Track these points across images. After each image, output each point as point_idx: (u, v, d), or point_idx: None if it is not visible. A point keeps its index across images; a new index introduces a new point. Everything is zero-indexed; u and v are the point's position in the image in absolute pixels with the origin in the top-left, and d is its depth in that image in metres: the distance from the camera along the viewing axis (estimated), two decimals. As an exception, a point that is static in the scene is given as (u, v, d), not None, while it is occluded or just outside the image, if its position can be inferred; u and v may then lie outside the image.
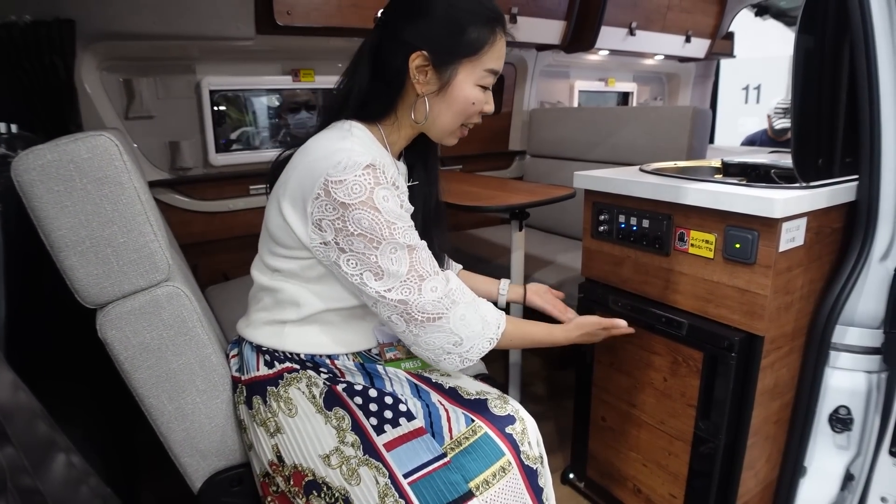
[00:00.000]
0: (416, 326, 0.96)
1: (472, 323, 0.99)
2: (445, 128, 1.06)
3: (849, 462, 1.36)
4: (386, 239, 0.92)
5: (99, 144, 0.93)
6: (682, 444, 1.32)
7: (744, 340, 1.18)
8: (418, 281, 0.95)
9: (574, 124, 2.75)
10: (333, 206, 0.91)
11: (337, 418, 1.00)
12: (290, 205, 0.97)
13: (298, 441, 1.01)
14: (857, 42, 1.22)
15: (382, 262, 0.93)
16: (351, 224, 0.91)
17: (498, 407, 1.06)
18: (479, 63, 1.01)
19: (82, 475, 0.61)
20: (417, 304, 0.95)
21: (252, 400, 1.05)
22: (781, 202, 1.07)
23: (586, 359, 1.54)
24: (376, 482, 0.97)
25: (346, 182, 0.90)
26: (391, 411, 1.01)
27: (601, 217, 1.43)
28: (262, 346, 1.07)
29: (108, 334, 0.98)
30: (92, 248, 0.94)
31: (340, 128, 1.02)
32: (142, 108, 2.20)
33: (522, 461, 1.02)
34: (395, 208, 0.94)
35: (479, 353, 1.01)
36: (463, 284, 1.04)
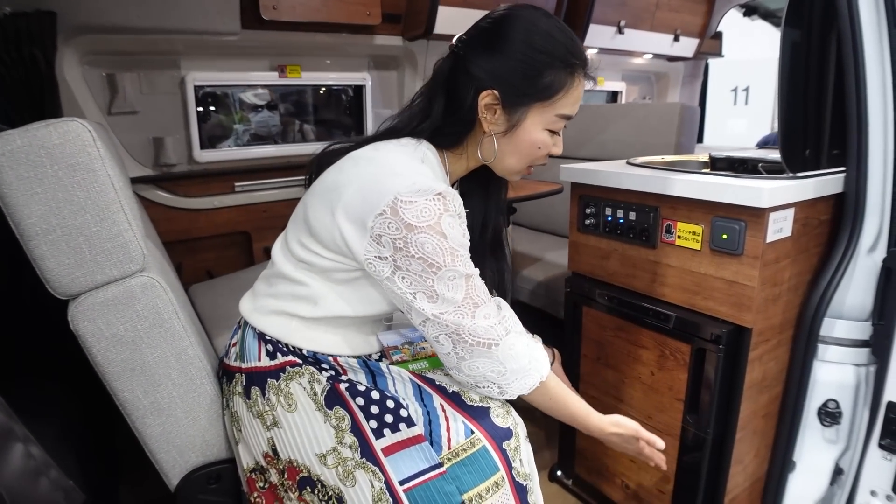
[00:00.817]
0: (463, 349, 0.94)
1: (520, 356, 0.97)
2: (510, 168, 1.04)
3: (838, 456, 1.36)
4: (447, 266, 0.89)
5: (71, 130, 0.91)
6: (671, 439, 1.31)
7: (731, 332, 1.16)
8: (472, 308, 0.93)
9: (563, 122, 2.73)
10: (398, 225, 0.88)
11: (337, 418, 0.98)
12: (345, 213, 0.92)
13: (295, 437, 0.98)
14: (844, 34, 1.21)
15: (439, 287, 0.90)
16: (413, 246, 0.88)
17: (500, 417, 1.03)
18: (552, 108, 0.97)
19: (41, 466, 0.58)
20: (470, 328, 0.92)
21: (250, 390, 1.01)
22: (769, 191, 1.06)
23: (572, 354, 1.52)
24: (371, 486, 0.94)
25: (416, 204, 0.87)
26: (392, 416, 0.98)
27: (588, 210, 1.42)
28: (266, 334, 1.03)
29: (80, 326, 0.95)
30: (63, 236, 0.92)
31: (415, 147, 1.00)
32: (125, 103, 2.17)
33: (514, 477, 1.01)
34: (459, 236, 0.92)
35: (520, 390, 0.98)
36: (514, 315, 1.03)
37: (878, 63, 1.21)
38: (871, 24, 1.20)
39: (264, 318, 1.03)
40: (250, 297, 1.08)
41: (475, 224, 1.14)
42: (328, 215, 0.94)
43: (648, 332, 1.31)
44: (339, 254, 0.95)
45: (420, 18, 2.44)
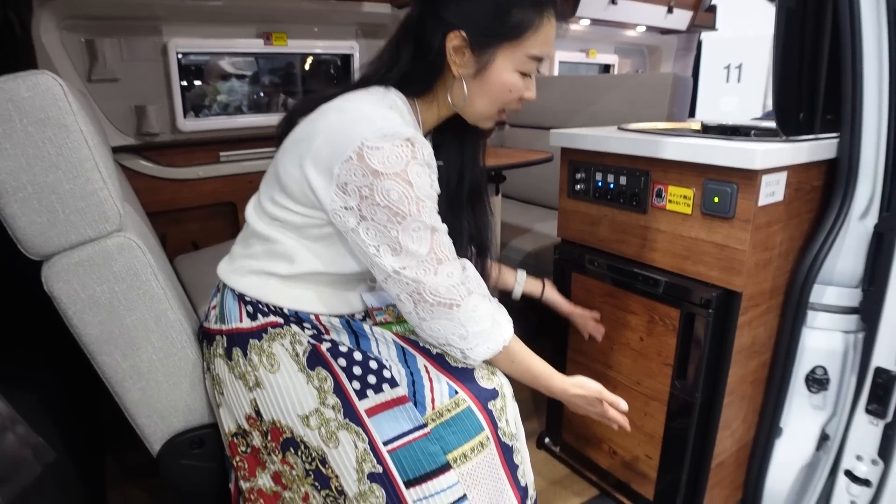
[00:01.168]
0: (424, 310, 0.92)
1: (482, 319, 0.95)
2: (481, 112, 1.01)
3: (824, 422, 1.36)
4: (412, 215, 0.87)
5: (40, 83, 0.87)
6: (658, 405, 1.30)
7: (721, 297, 1.15)
8: (436, 264, 0.90)
9: (554, 93, 2.70)
10: (364, 171, 0.85)
11: (319, 379, 0.96)
12: (313, 162, 0.90)
13: (278, 398, 0.97)
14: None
15: (403, 238, 0.88)
16: (379, 194, 0.86)
17: (485, 378, 1.02)
18: (522, 48, 0.95)
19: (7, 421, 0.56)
20: (431, 286, 0.90)
21: (232, 351, 0.99)
22: (762, 153, 1.04)
23: (561, 321, 1.51)
24: (355, 447, 0.94)
25: (383, 150, 0.85)
26: (375, 376, 0.97)
27: (577, 176, 1.40)
28: (245, 295, 1.00)
29: (54, 287, 0.92)
30: (35, 194, 0.88)
31: (383, 94, 0.97)
32: (105, 70, 2.11)
33: (500, 437, 1.01)
34: (427, 186, 0.89)
35: (483, 354, 0.98)
36: (478, 276, 1.01)
37: (874, 26, 1.18)
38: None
39: (242, 279, 1.01)
40: (228, 260, 1.06)
41: (451, 176, 1.11)
42: (297, 168, 0.92)
43: (638, 297, 1.30)
44: (310, 207, 0.93)
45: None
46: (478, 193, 1.17)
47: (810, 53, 1.23)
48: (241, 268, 1.02)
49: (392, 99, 0.97)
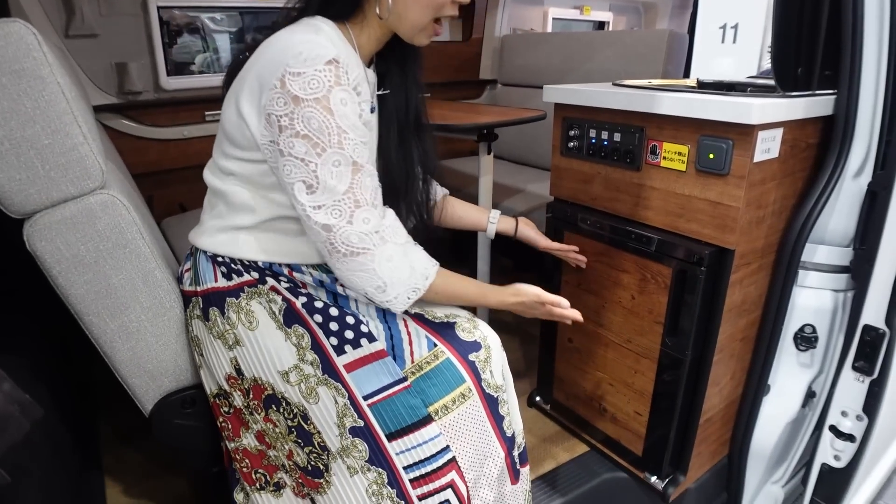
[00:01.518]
0: (338, 260, 0.90)
1: (399, 268, 0.93)
2: (415, 23, 0.95)
3: (811, 380, 1.38)
4: (333, 146, 0.85)
5: (13, 32, 0.83)
6: (649, 362, 1.31)
7: (714, 254, 1.15)
8: (352, 206, 0.88)
9: (547, 50, 2.64)
10: (286, 99, 0.83)
11: (297, 336, 0.96)
12: (247, 99, 0.89)
13: (258, 354, 0.96)
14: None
15: (322, 172, 0.85)
16: (299, 122, 0.83)
17: (466, 331, 1.03)
18: None
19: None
20: (343, 234, 0.88)
21: (209, 311, 0.99)
22: (759, 108, 1.02)
23: (553, 280, 1.51)
24: (335, 402, 0.94)
25: (304, 75, 0.82)
26: (352, 331, 0.97)
27: (571, 133, 1.37)
28: (217, 254, 1.00)
29: (36, 246, 0.90)
30: (12, 149, 0.85)
31: (308, 23, 0.93)
32: (83, 25, 2.02)
33: (483, 389, 1.01)
34: (352, 116, 0.86)
35: (404, 303, 0.95)
36: (399, 225, 0.97)
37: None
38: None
39: (212, 239, 1.00)
40: (197, 226, 1.05)
41: (398, 104, 1.08)
42: (234, 109, 0.91)
43: (630, 255, 1.29)
44: (252, 150, 0.92)
45: (398, -66, 2.29)
46: (420, 118, 1.13)
47: (811, 7, 1.21)
48: (209, 228, 1.01)
49: (317, 25, 0.92)
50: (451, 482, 0.96)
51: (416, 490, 0.95)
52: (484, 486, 1.02)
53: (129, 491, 1.44)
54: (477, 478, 1.00)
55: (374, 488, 0.94)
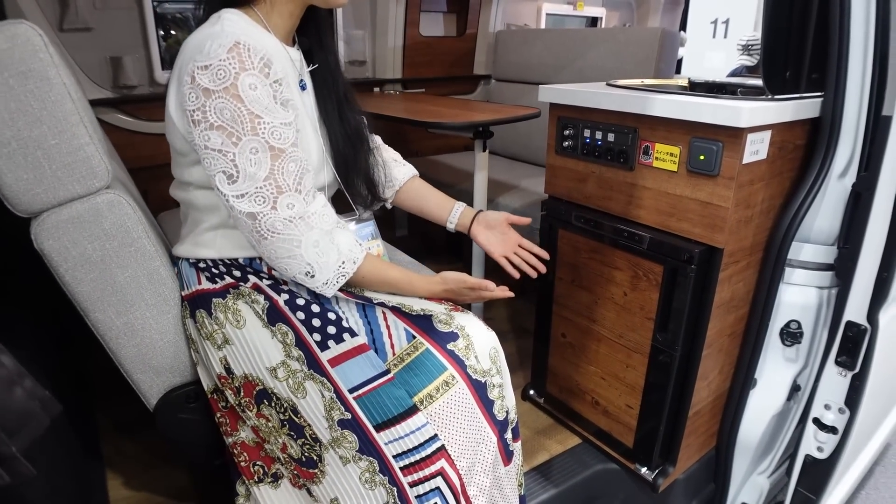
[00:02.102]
0: (265, 247, 0.93)
1: (326, 252, 0.95)
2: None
3: (796, 374, 1.43)
4: (247, 134, 0.86)
5: (19, 33, 0.84)
6: (640, 357, 1.35)
7: (704, 252, 1.19)
8: (275, 192, 0.89)
9: (541, 47, 2.66)
10: (197, 93, 0.86)
11: (281, 333, 0.99)
12: (172, 102, 0.92)
13: (247, 351, 0.99)
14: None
15: (240, 161, 0.87)
16: (212, 114, 0.86)
17: (443, 323, 1.05)
18: None
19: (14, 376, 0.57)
20: (268, 221, 0.90)
21: (196, 314, 1.03)
22: (748, 111, 1.05)
23: (547, 276, 1.54)
24: (322, 395, 0.97)
25: (210, 67, 0.85)
26: (334, 327, 1.00)
27: (566, 132, 1.40)
28: (199, 259, 1.04)
29: (44, 244, 0.92)
30: (20, 149, 0.87)
31: (211, 18, 0.95)
32: (77, 18, 2.02)
33: (469, 375, 1.03)
34: (264, 99, 0.88)
35: (334, 288, 0.98)
36: (327, 211, 0.99)
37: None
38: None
39: (192, 246, 1.04)
40: (178, 241, 1.09)
41: (327, 76, 1.10)
42: (167, 117, 0.94)
43: (623, 253, 1.33)
44: (192, 153, 0.95)
45: (394, -70, 2.30)
46: (348, 88, 1.15)
47: (799, 11, 1.23)
48: (185, 236, 1.06)
49: (218, 17, 0.93)
50: (440, 470, 0.98)
51: (407, 477, 0.97)
52: (479, 473, 1.04)
53: (129, 483, 1.46)
54: (471, 465, 1.03)
55: (367, 476, 0.97)
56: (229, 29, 0.89)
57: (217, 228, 1.02)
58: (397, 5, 2.65)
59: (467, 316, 1.09)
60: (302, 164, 0.94)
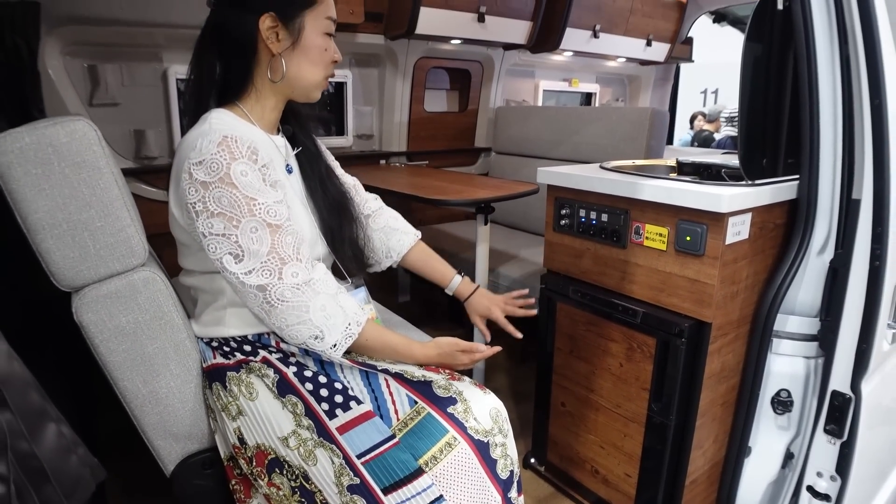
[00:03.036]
0: (277, 318, 1.00)
1: (334, 315, 1.02)
2: (311, 80, 1.10)
3: (789, 442, 1.47)
4: (245, 216, 0.96)
5: (78, 129, 0.95)
6: (637, 426, 1.40)
7: (693, 327, 1.26)
8: (279, 263, 0.98)
9: (539, 123, 2.82)
10: (195, 187, 0.96)
11: (291, 404, 1.05)
12: (172, 199, 1.04)
13: (260, 423, 1.05)
14: (800, 50, 1.31)
15: (243, 240, 0.96)
16: (211, 203, 0.96)
17: (442, 388, 1.10)
18: (320, 12, 1.06)
19: (71, 444, 0.64)
20: (277, 291, 0.98)
21: (213, 386, 1.10)
22: (728, 198, 1.15)
23: (547, 347, 1.61)
24: (332, 462, 1.01)
25: (204, 162, 0.95)
26: (341, 396, 1.06)
27: (563, 211, 1.50)
28: (212, 338, 1.12)
29: (84, 317, 0.99)
30: (69, 231, 0.96)
31: (201, 119, 1.05)
32: (107, 94, 2.17)
33: (471, 436, 1.06)
34: (255, 183, 0.98)
35: (341, 350, 1.04)
36: (329, 277, 1.07)
37: (829, 78, 1.30)
38: (825, 41, 1.29)
39: (203, 327, 1.12)
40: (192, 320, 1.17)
41: (311, 159, 1.21)
42: (170, 213, 1.05)
43: (617, 326, 1.40)
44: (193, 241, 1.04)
45: (402, 18, 2.49)
46: (327, 162, 1.27)
47: (773, 101, 1.35)
48: (198, 316, 1.14)
49: (204, 118, 1.04)
50: None
51: None
52: None
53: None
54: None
55: None
56: (217, 126, 1.00)
57: (225, 308, 1.10)
58: (403, 83, 2.83)
59: (464, 383, 1.14)
60: (298, 236, 1.04)
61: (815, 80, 1.31)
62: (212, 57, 1.08)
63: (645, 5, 3.31)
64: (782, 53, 1.34)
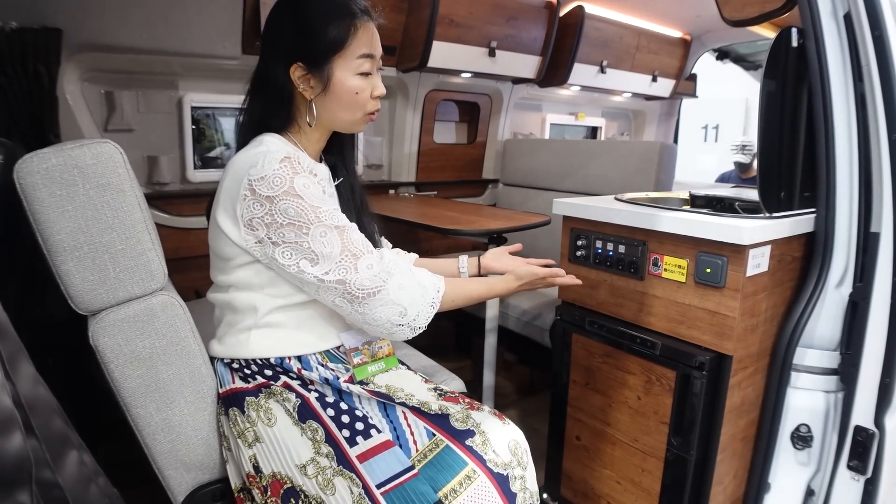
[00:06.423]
0: (359, 304, 1.02)
1: (411, 289, 1.05)
2: (346, 121, 1.13)
3: (809, 478, 1.43)
4: (314, 223, 0.98)
5: (104, 151, 0.95)
6: (655, 461, 1.37)
7: (713, 360, 1.24)
8: (353, 260, 1.01)
9: (546, 155, 2.85)
10: (260, 202, 0.97)
11: (311, 430, 1.03)
12: (223, 215, 1.03)
13: (277, 450, 1.03)
14: (815, 86, 1.32)
15: (315, 246, 0.99)
16: (279, 215, 0.97)
17: (459, 421, 1.10)
18: (350, 54, 1.07)
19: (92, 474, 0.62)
20: (356, 282, 1.00)
21: (230, 411, 1.07)
22: (749, 230, 1.15)
23: (561, 379, 1.58)
24: (350, 492, 0.99)
25: (266, 177, 0.97)
26: (362, 423, 1.05)
27: (578, 242, 1.50)
28: (233, 359, 1.10)
29: (100, 341, 0.98)
30: (90, 253, 0.95)
31: (253, 142, 1.09)
32: (122, 120, 2.19)
33: (490, 469, 1.05)
34: (318, 193, 1.01)
35: (426, 319, 1.06)
36: (397, 258, 1.10)
37: (844, 113, 1.32)
38: (839, 78, 1.31)
39: (224, 346, 1.11)
40: (213, 340, 1.16)
41: (349, 188, 1.24)
42: (216, 229, 1.05)
43: (635, 358, 1.39)
44: (239, 257, 1.05)
45: (415, 51, 2.53)
46: (364, 196, 1.29)
47: (789, 135, 1.37)
48: (221, 336, 1.13)
49: (261, 140, 1.08)
50: None
51: None
52: None
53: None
54: None
55: None
56: (274, 147, 1.03)
57: (251, 329, 1.09)
58: (414, 115, 2.87)
59: (483, 413, 1.13)
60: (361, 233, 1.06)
61: (829, 114, 1.32)
62: (259, 97, 1.12)
63: (651, 42, 3.37)
64: (797, 89, 1.36)
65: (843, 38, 1.30)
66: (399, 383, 1.17)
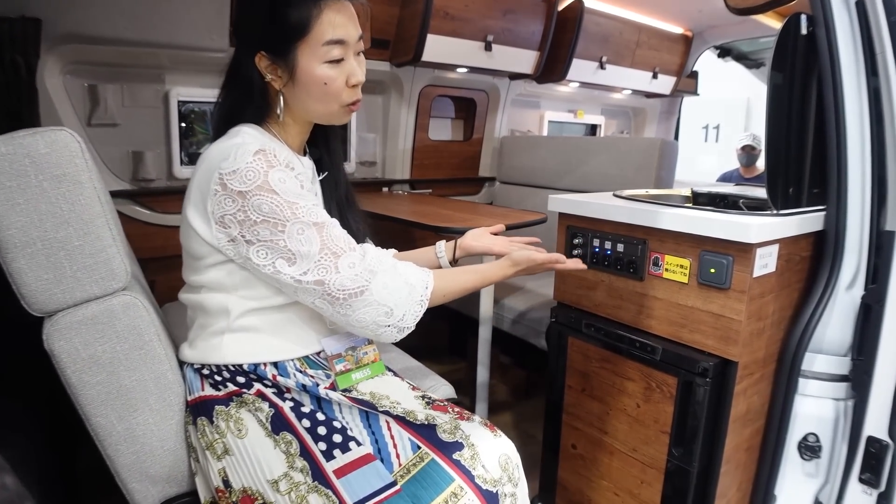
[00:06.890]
0: (340, 306, 0.95)
1: (397, 289, 0.98)
2: (321, 112, 1.05)
3: (817, 490, 1.36)
4: (290, 220, 0.91)
5: (59, 139, 0.88)
6: (655, 472, 1.30)
7: (718, 366, 1.17)
8: (333, 258, 0.94)
9: (544, 153, 2.78)
10: (232, 198, 0.90)
11: (285, 443, 0.97)
12: (192, 211, 0.97)
13: (247, 463, 0.96)
14: (825, 78, 1.26)
15: (291, 244, 0.92)
16: (252, 212, 0.90)
17: (447, 433, 1.03)
18: (314, 40, 0.98)
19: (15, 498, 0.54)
20: (336, 283, 0.93)
21: (198, 421, 1.00)
22: (756, 227, 1.08)
23: (557, 384, 1.51)
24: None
25: (239, 171, 0.90)
26: (340, 435, 0.98)
27: (575, 241, 1.43)
28: (203, 364, 1.03)
29: (55, 345, 0.91)
30: (43, 250, 0.88)
31: (230, 132, 1.02)
32: (106, 115, 2.12)
33: (479, 485, 0.99)
34: (295, 188, 0.94)
35: (415, 318, 1.00)
36: (382, 253, 1.03)
37: (856, 105, 1.25)
38: (851, 68, 1.24)
39: (196, 351, 1.04)
40: (184, 344, 1.09)
41: (333, 182, 1.18)
42: (187, 226, 0.98)
43: (635, 363, 1.31)
44: (210, 256, 0.98)
45: (408, 45, 2.46)
46: (350, 190, 1.22)
47: (797, 129, 1.30)
48: (192, 340, 1.06)
49: (236, 131, 1.01)
50: None
51: None
52: None
53: None
54: None
55: None
56: (250, 139, 0.96)
57: (223, 333, 1.02)
58: (408, 111, 2.80)
59: (473, 424, 1.07)
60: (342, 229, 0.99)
61: (841, 105, 1.26)
62: (233, 87, 1.05)
63: (652, 38, 3.30)
64: (806, 78, 1.29)
65: (856, 25, 1.23)
66: (384, 390, 1.10)
